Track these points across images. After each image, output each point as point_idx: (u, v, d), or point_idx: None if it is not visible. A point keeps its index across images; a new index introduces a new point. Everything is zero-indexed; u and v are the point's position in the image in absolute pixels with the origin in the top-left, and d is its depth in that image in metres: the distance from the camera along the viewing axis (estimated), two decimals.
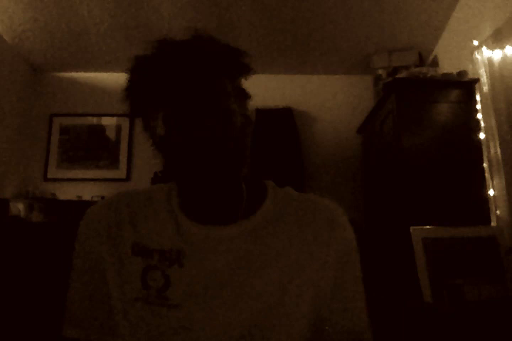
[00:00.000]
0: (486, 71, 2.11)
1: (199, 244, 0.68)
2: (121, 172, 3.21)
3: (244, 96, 0.72)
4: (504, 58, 2.01)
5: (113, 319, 0.68)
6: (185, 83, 0.63)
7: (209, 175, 0.64)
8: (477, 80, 2.21)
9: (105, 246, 0.71)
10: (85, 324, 0.71)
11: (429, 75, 2.37)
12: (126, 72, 0.68)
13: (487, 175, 2.13)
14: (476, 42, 2.22)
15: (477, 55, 2.19)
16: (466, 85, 2.30)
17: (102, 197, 2.98)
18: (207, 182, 0.65)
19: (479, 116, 2.21)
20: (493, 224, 2.05)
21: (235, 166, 0.68)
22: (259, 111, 3.20)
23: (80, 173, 3.20)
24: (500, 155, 1.98)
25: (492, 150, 2.05)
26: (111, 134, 3.29)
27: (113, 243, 0.71)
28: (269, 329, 0.65)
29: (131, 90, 0.68)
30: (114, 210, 0.74)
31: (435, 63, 2.95)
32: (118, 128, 3.28)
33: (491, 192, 2.08)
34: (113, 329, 0.68)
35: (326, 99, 3.38)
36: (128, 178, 3.20)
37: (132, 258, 0.69)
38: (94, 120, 3.30)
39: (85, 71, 3.35)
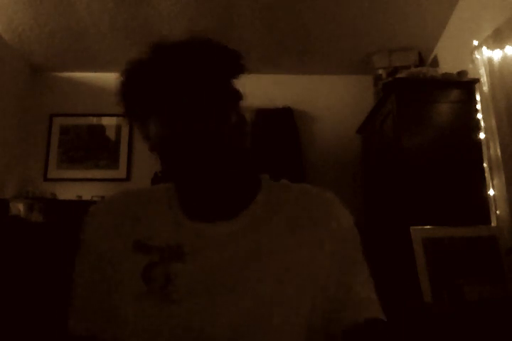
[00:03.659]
0: (486, 71, 2.11)
1: (197, 240, 0.70)
2: (121, 172, 3.21)
3: (238, 96, 0.72)
4: (504, 58, 2.01)
5: (117, 315, 0.69)
6: (180, 85, 0.64)
7: (205, 172, 0.66)
8: (477, 80, 2.21)
9: (107, 243, 0.73)
10: (90, 320, 0.72)
11: (429, 75, 2.37)
12: (120, 75, 0.68)
13: (487, 175, 2.13)
14: (476, 42, 2.22)
15: (477, 55, 2.19)
16: (466, 85, 2.30)
17: (102, 197, 2.98)
18: (203, 180, 0.67)
19: (479, 116, 2.21)
20: (493, 224, 2.05)
21: (230, 164, 0.68)
22: (259, 111, 3.20)
23: (79, 173, 3.19)
24: (500, 155, 1.98)
25: (492, 150, 2.05)
26: (111, 134, 3.28)
27: (115, 240, 0.72)
28: (270, 322, 0.65)
29: (126, 94, 0.69)
30: (116, 209, 0.76)
31: (435, 63, 2.95)
32: (118, 128, 3.28)
33: (491, 192, 2.08)
34: (118, 325, 0.69)
35: (326, 99, 3.37)
36: (128, 178, 3.20)
37: (134, 255, 0.70)
38: (94, 120, 3.30)
39: (85, 71, 3.35)
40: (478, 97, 2.24)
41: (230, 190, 0.72)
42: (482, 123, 2.18)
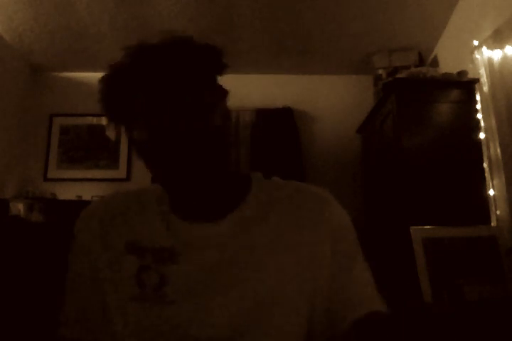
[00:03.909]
0: (486, 71, 2.11)
1: (189, 241, 0.69)
2: (121, 172, 3.21)
3: (222, 94, 0.71)
4: (504, 58, 2.01)
5: (109, 318, 0.68)
6: (161, 86, 0.63)
7: (192, 173, 0.64)
8: (477, 80, 2.21)
9: (99, 245, 0.72)
10: (82, 324, 0.71)
11: (429, 75, 2.37)
12: (100, 81, 0.68)
13: (487, 175, 2.13)
14: (476, 42, 2.22)
15: (477, 55, 2.19)
16: (466, 85, 2.30)
17: (102, 197, 2.98)
18: (190, 181, 0.65)
19: (479, 116, 2.21)
20: (493, 224, 2.05)
21: (216, 164, 0.67)
22: (259, 111, 3.20)
23: (79, 173, 3.19)
24: (500, 155, 1.98)
25: (492, 150, 2.05)
26: None
27: (107, 242, 0.72)
28: (270, 322, 0.65)
29: (108, 99, 0.68)
30: (108, 210, 0.76)
31: (435, 63, 2.95)
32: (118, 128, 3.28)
33: (491, 192, 2.08)
34: (110, 328, 0.68)
35: (326, 99, 3.37)
36: (128, 178, 3.20)
37: (126, 257, 0.70)
38: (94, 120, 3.29)
39: (85, 71, 3.34)
40: (478, 97, 2.24)
41: (219, 189, 0.71)
42: (482, 123, 2.18)
